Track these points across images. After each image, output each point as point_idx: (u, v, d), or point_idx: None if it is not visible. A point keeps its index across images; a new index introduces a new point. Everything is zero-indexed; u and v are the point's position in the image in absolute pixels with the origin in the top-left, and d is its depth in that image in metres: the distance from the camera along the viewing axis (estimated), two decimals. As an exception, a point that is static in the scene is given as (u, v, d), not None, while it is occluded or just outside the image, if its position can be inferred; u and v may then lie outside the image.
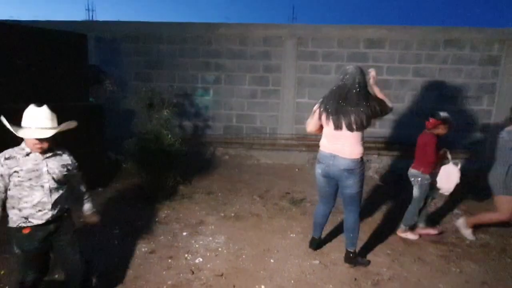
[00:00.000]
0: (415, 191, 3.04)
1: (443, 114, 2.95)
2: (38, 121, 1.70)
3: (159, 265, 2.54)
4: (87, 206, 2.09)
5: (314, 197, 4.01)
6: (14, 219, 1.75)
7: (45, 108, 1.74)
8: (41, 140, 1.71)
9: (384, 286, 2.43)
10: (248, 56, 5.30)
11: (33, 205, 1.74)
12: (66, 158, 1.89)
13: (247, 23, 5.36)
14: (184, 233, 3.05)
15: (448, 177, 3.00)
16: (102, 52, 5.33)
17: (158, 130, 3.80)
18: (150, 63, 5.39)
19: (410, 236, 3.12)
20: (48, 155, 1.79)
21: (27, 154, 1.74)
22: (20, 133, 1.68)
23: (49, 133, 1.70)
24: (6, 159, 1.70)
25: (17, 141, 1.76)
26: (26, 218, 1.74)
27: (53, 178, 1.79)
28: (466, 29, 4.97)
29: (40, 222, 1.77)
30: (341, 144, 2.45)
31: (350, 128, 2.39)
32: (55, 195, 1.81)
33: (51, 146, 1.79)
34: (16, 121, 1.73)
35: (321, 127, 2.62)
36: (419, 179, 2.99)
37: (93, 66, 4.80)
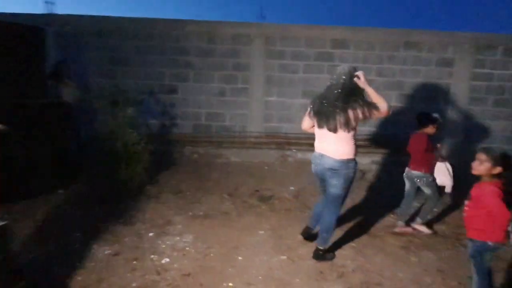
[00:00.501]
0: (427, 190, 3.16)
1: (434, 115, 3.15)
2: None
3: (124, 267, 2.46)
4: None
5: (283, 194, 4.08)
6: None
7: None
8: None
9: (348, 277, 2.52)
10: (216, 54, 5.26)
11: None
12: None
13: (216, 21, 5.32)
14: (150, 234, 2.98)
15: (444, 173, 3.17)
16: (63, 48, 5.06)
17: (123, 129, 3.67)
18: (114, 59, 5.20)
19: (424, 229, 3.25)
20: None
21: None
22: None
23: None
24: None
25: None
26: None
27: None
28: (424, 32, 5.25)
29: None
30: (326, 143, 2.52)
31: (329, 129, 2.45)
32: None
33: None
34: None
35: (313, 126, 2.67)
36: (424, 179, 3.12)
37: (62, 62, 4.57)
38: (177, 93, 5.31)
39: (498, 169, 1.98)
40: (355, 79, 2.43)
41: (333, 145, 2.48)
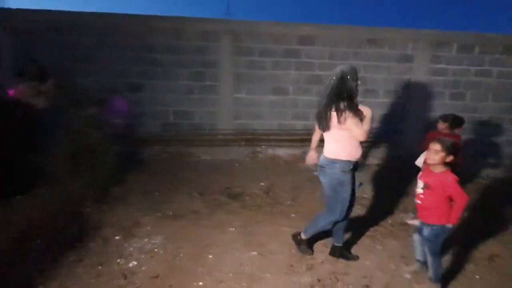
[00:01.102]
0: None
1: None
2: None
3: (88, 274, 2.37)
4: None
5: (253, 191, 4.10)
6: None
7: None
8: None
9: (317, 269, 2.58)
10: (184, 51, 5.16)
11: None
12: None
13: (183, 17, 5.21)
14: (117, 237, 2.88)
15: None
16: (17, 45, 4.76)
17: (85, 129, 3.51)
18: (75, 56, 4.94)
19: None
20: None
21: None
22: None
23: None
24: None
25: None
26: None
27: None
28: (386, 29, 5.46)
29: None
30: (325, 142, 2.53)
31: (320, 128, 2.50)
32: None
33: None
34: None
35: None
36: None
37: (33, 61, 4.30)
38: (143, 91, 5.16)
39: (450, 158, 2.16)
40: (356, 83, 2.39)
41: (327, 144, 2.50)
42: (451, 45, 5.46)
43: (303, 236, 2.71)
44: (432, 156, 2.18)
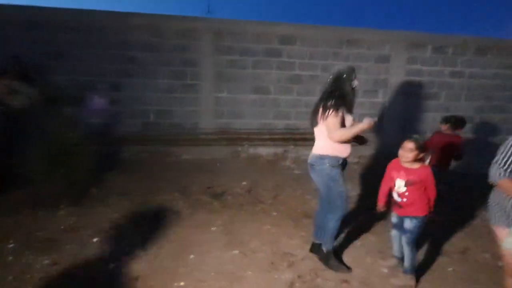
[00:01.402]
0: None
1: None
2: None
3: (64, 278, 2.31)
4: None
5: (235, 190, 4.10)
6: None
7: None
8: None
9: (298, 266, 2.62)
10: (164, 49, 5.09)
11: None
12: None
13: (162, 14, 5.14)
14: (95, 239, 2.82)
15: None
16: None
17: (61, 129, 3.41)
18: (50, 54, 4.78)
19: None
20: None
21: None
22: None
23: None
24: None
25: None
26: None
27: None
28: (364, 30, 5.58)
29: None
30: (315, 139, 2.56)
31: (310, 124, 2.54)
32: None
33: None
34: None
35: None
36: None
37: (15, 59, 4.10)
38: (122, 90, 5.05)
39: (421, 155, 2.29)
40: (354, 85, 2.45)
41: (316, 140, 2.54)
42: (426, 47, 5.65)
43: (324, 249, 2.59)
44: (406, 154, 2.28)
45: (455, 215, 3.60)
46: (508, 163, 1.86)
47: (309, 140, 5.68)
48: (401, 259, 2.55)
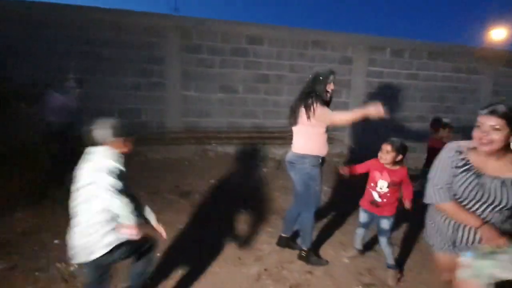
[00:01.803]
0: None
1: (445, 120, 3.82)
2: None
3: (23, 281, 2.23)
4: None
5: (203, 188, 4.12)
6: None
7: None
8: None
9: (265, 259, 2.71)
10: (129, 46, 4.96)
11: None
12: None
13: (128, 10, 5.01)
14: (56, 241, 2.72)
15: None
16: None
17: (16, 128, 3.24)
18: (4, 49, 4.49)
19: None
20: None
21: None
22: None
23: None
24: None
25: None
26: None
27: None
28: (328, 33, 5.79)
29: None
30: (293, 138, 2.59)
31: (289, 123, 2.58)
32: None
33: None
34: None
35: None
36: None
37: None
38: (85, 87, 4.85)
39: (400, 157, 2.40)
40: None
41: (294, 139, 2.56)
42: (385, 50, 5.98)
43: (305, 248, 2.66)
44: (384, 156, 2.40)
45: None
46: (442, 180, 1.56)
47: (277, 138, 5.83)
48: (361, 251, 2.73)
